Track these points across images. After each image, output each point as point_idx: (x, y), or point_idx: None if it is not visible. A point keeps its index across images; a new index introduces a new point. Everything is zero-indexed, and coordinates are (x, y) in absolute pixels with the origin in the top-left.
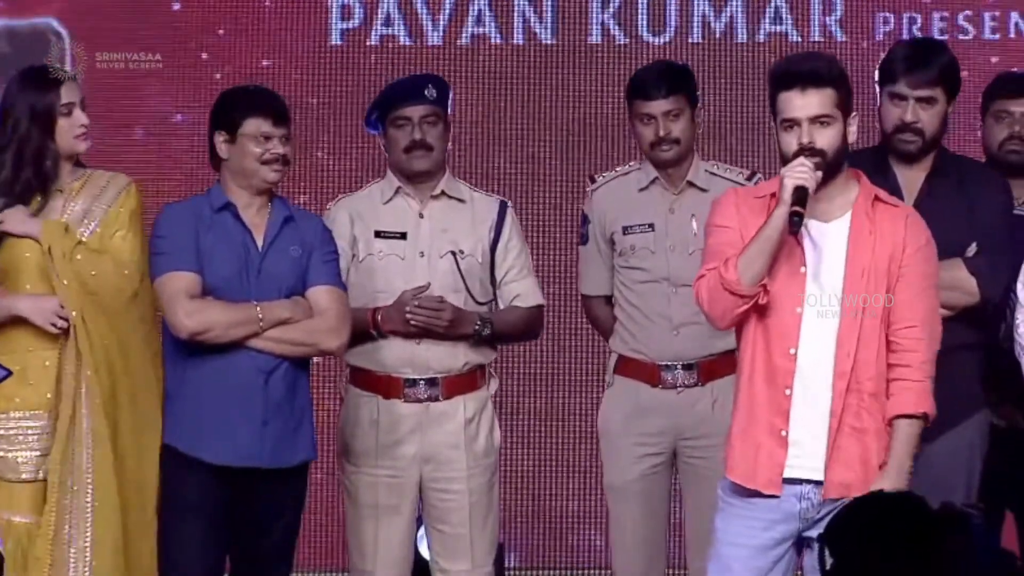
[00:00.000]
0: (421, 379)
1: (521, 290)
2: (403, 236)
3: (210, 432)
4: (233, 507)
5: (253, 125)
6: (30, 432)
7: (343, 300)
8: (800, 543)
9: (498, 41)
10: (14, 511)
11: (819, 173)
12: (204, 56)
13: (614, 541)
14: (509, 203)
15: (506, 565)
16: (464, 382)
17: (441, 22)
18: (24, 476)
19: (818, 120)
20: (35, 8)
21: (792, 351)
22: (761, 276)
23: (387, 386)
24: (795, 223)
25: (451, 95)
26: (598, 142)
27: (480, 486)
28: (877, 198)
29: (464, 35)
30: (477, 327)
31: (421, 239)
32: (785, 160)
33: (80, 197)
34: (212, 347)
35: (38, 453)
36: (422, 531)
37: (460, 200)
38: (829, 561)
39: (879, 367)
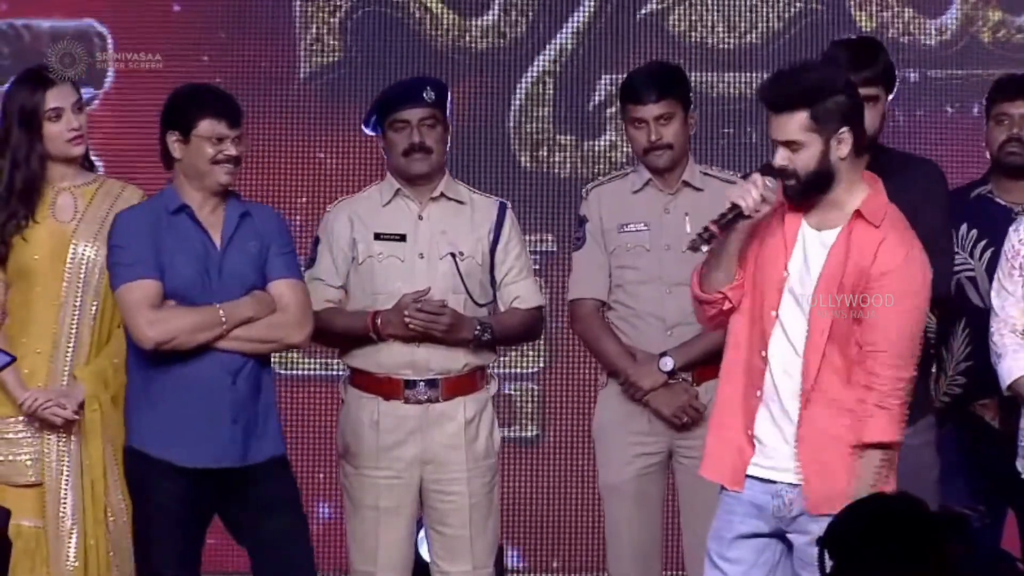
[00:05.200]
0: (421, 380)
1: (521, 292)
2: (402, 238)
3: (180, 435)
4: (226, 510)
5: (207, 126)
6: (34, 435)
7: (304, 292)
8: (789, 543)
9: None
10: (23, 515)
11: (772, 196)
12: (205, 59)
13: (609, 542)
14: (509, 204)
15: (506, 567)
16: (464, 383)
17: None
18: (32, 479)
19: (789, 145)
20: (37, 9)
21: (763, 353)
22: (720, 283)
23: (387, 387)
24: (697, 239)
25: (450, 97)
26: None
27: (480, 487)
28: (859, 214)
29: (468, 35)
30: (477, 332)
31: (420, 241)
32: None
33: (94, 204)
34: (180, 351)
35: (39, 456)
36: (422, 533)
37: (459, 202)
38: (829, 564)
39: (843, 382)
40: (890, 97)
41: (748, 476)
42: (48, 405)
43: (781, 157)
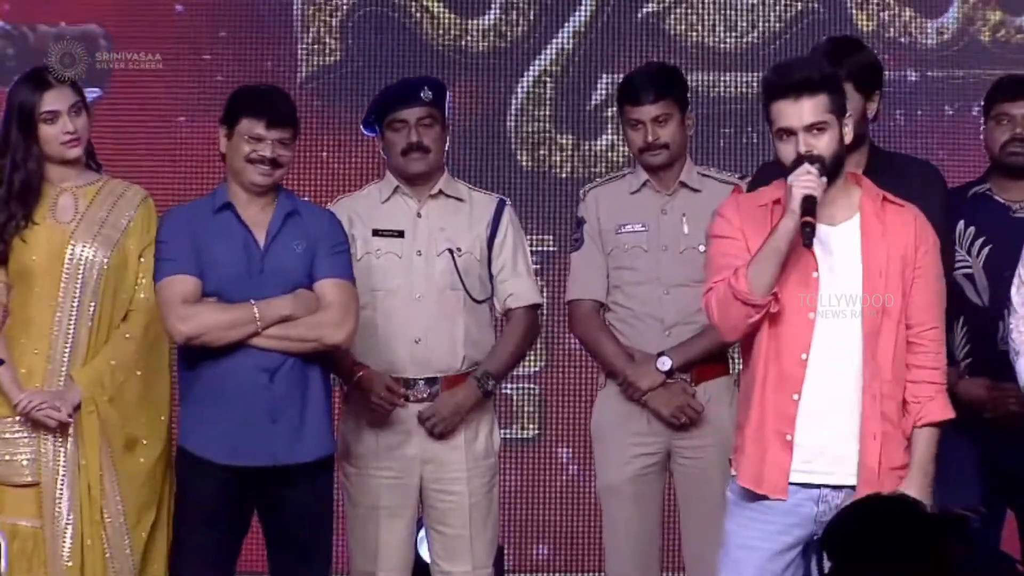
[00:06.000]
0: (421, 379)
1: (514, 289)
2: (401, 234)
3: (218, 433)
4: (261, 507)
5: (246, 125)
6: (31, 434)
7: (349, 292)
8: (809, 547)
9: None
10: (20, 515)
11: (824, 179)
12: (207, 58)
13: (608, 542)
14: (508, 201)
15: (505, 567)
16: (463, 382)
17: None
18: (28, 479)
19: (813, 128)
20: (39, 10)
21: (804, 356)
22: (772, 285)
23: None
24: (807, 235)
25: (449, 97)
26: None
27: (480, 487)
28: (886, 198)
29: (468, 36)
30: (481, 386)
31: (419, 238)
32: (785, 167)
33: (95, 205)
34: (217, 348)
35: (36, 456)
36: (422, 533)
37: (458, 199)
38: (827, 565)
39: (895, 370)
40: (875, 97)
41: (790, 483)
42: (42, 407)
43: (805, 144)
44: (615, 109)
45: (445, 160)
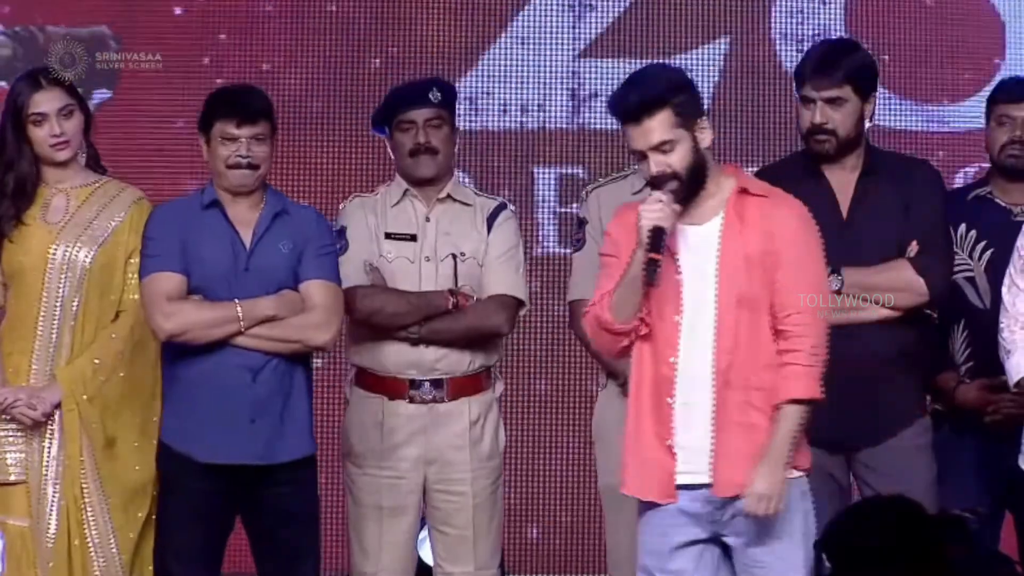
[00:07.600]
0: (426, 380)
1: (490, 279)
2: (413, 238)
3: (200, 430)
4: (243, 508)
5: (219, 127)
6: (19, 433)
7: (334, 294)
8: (725, 547)
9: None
10: (8, 514)
11: (676, 207)
12: (206, 60)
13: (609, 543)
14: (509, 204)
15: (505, 568)
16: (469, 383)
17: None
18: (13, 478)
19: (659, 148)
20: (39, 12)
21: (672, 360)
22: (635, 311)
23: (392, 387)
24: (650, 272)
25: (458, 98)
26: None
27: (484, 488)
28: (745, 190)
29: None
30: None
31: (427, 242)
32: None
33: (85, 206)
34: (200, 346)
35: (25, 454)
36: (423, 534)
37: (465, 203)
38: (827, 567)
39: (767, 360)
40: (872, 98)
41: (676, 486)
42: (17, 404)
43: (656, 164)
44: None
45: (454, 161)
